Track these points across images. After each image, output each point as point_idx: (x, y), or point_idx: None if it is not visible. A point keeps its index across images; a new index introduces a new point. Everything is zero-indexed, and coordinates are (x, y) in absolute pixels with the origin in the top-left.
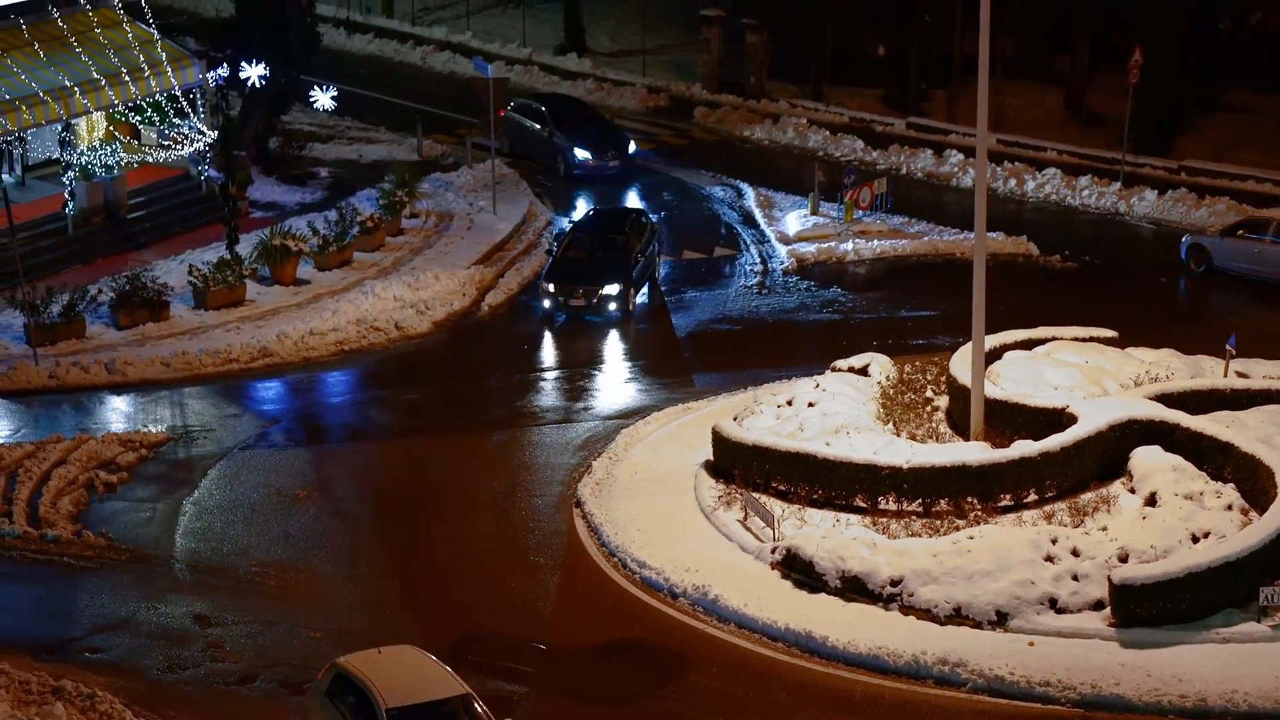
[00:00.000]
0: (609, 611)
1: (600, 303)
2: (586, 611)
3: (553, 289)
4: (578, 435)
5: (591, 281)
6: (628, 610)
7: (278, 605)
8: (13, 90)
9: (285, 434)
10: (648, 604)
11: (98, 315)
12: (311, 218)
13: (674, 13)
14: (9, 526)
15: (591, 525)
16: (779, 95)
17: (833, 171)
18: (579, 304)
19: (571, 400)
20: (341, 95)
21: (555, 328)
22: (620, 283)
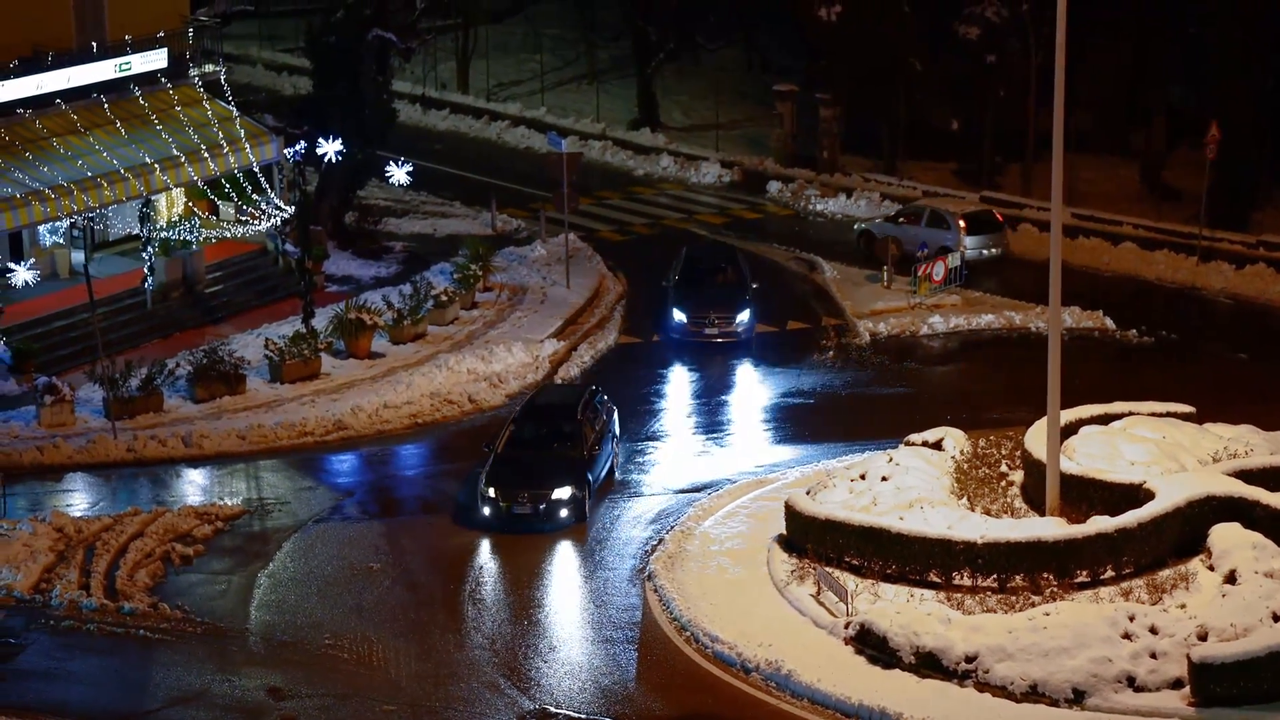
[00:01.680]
0: (681, 685)
1: (550, 509)
2: (658, 685)
3: (493, 493)
4: (649, 508)
5: (537, 484)
6: (700, 684)
7: (351, 679)
8: (94, 167)
9: (359, 507)
10: (720, 678)
11: (175, 389)
12: (386, 291)
13: (746, 87)
14: (87, 599)
15: (663, 598)
16: (852, 169)
17: (906, 246)
18: (524, 512)
19: (643, 472)
20: (417, 170)
21: None
22: (572, 485)
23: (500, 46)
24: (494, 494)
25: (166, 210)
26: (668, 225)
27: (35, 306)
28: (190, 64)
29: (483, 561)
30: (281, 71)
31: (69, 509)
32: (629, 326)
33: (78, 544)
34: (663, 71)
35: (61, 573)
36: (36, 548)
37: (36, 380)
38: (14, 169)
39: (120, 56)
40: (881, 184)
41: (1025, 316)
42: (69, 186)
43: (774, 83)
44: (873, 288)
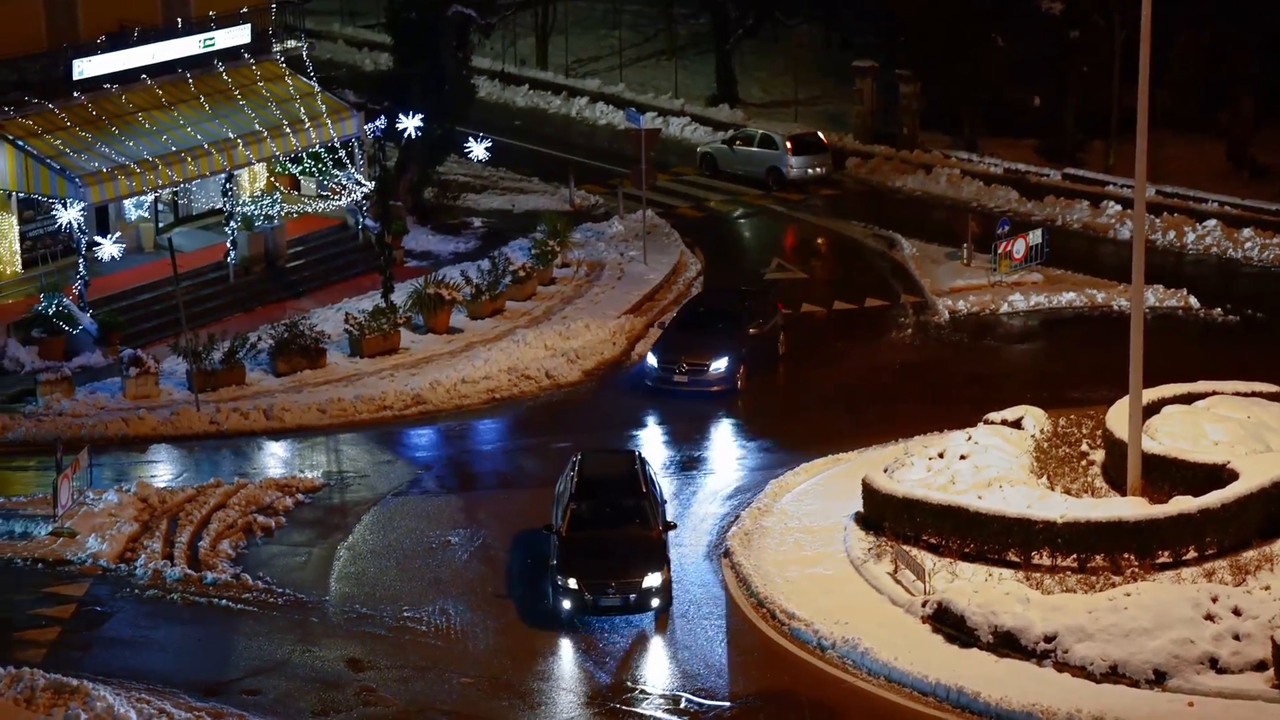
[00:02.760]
0: (758, 662)
1: (641, 598)
2: (735, 662)
3: (574, 585)
4: (726, 485)
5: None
6: (777, 661)
7: (429, 651)
8: (179, 142)
9: (437, 481)
10: (796, 655)
11: (257, 362)
12: (465, 267)
13: (826, 64)
14: (171, 569)
15: (740, 575)
16: (932, 146)
17: (986, 222)
18: (613, 604)
19: (719, 448)
20: (496, 146)
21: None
22: (661, 569)
23: (580, 22)
24: (576, 585)
25: (249, 185)
26: (745, 201)
27: (121, 280)
28: (273, 39)
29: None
30: (362, 47)
31: (153, 480)
32: None
33: (161, 514)
34: (742, 47)
35: (146, 542)
36: (121, 518)
37: (122, 353)
38: (101, 144)
39: (205, 32)
40: (961, 161)
41: (1107, 294)
42: (154, 161)
43: (853, 59)
44: (952, 265)
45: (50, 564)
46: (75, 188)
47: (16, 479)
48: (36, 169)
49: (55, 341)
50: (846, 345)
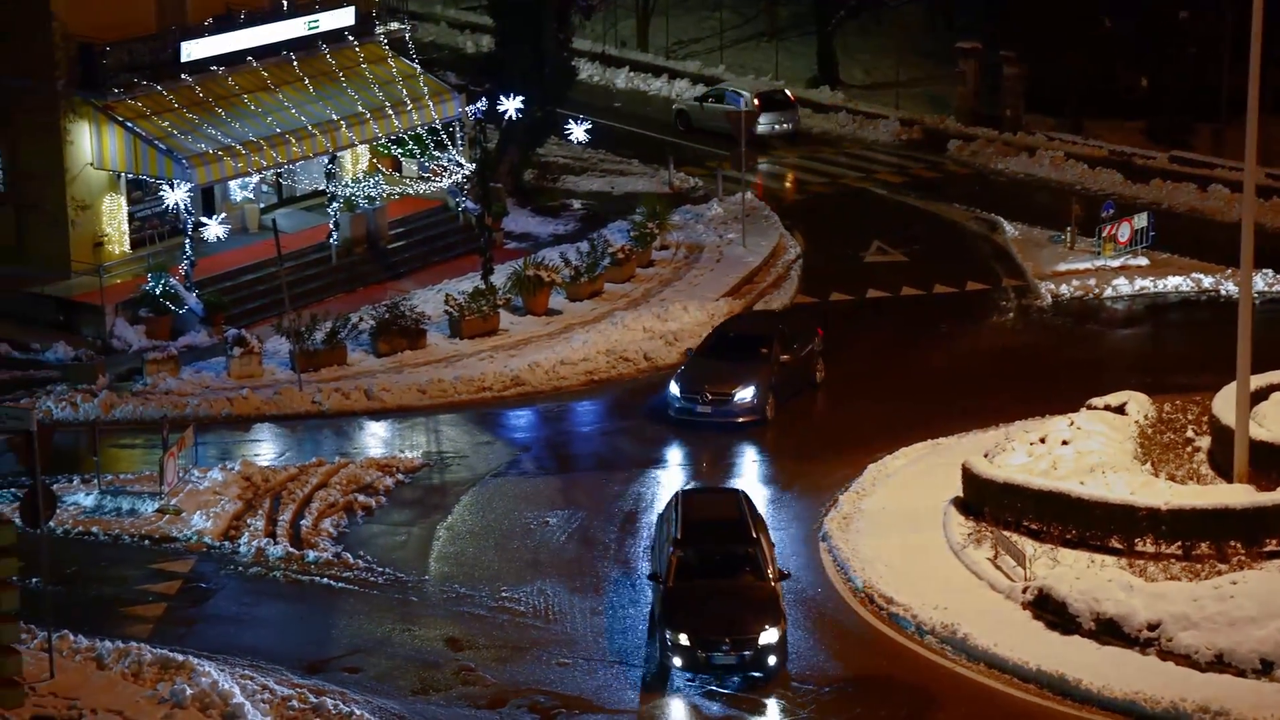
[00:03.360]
0: (856, 647)
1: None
2: (833, 647)
3: (686, 641)
4: (823, 469)
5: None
6: (875, 646)
7: (527, 631)
8: (283, 124)
9: (536, 462)
10: (895, 640)
11: (358, 343)
12: (564, 249)
13: (928, 45)
14: (273, 547)
15: (838, 560)
16: (1035, 128)
17: (1090, 206)
18: (728, 662)
19: (817, 432)
20: (595, 128)
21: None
22: (777, 625)
23: (680, 3)
24: (687, 641)
25: (351, 166)
26: (846, 184)
27: (225, 260)
28: (376, 21)
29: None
30: (464, 29)
31: (257, 458)
32: (806, 285)
33: (265, 493)
34: (844, 29)
35: (249, 520)
36: (226, 496)
37: (226, 332)
38: (207, 125)
39: (310, 15)
40: (1066, 143)
41: (1215, 279)
42: (259, 143)
43: (957, 40)
44: (1055, 249)
45: (157, 541)
46: (182, 169)
47: (124, 456)
48: (145, 150)
49: (162, 321)
50: (947, 329)
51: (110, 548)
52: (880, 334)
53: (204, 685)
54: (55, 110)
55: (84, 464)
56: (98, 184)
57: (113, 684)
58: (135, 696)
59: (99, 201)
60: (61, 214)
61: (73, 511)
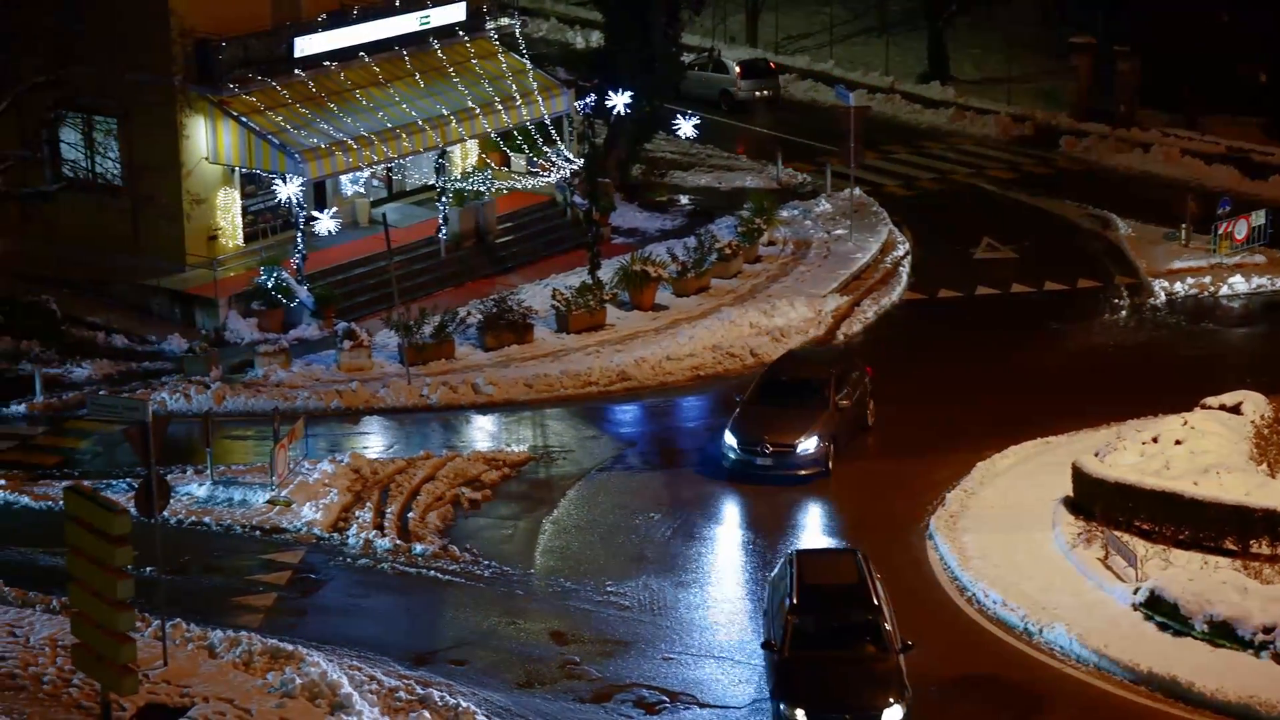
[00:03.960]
0: (962, 646)
1: None
2: (939, 645)
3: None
4: (931, 466)
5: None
6: (982, 646)
7: (632, 626)
8: (394, 119)
9: (641, 457)
10: (1003, 640)
11: (466, 336)
12: (671, 244)
13: (1041, 40)
14: (381, 539)
15: (944, 558)
16: (1149, 124)
17: (1206, 203)
18: None
19: (926, 430)
20: (703, 123)
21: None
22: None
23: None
24: (802, 716)
25: (461, 161)
26: (956, 180)
27: (336, 254)
28: (487, 17)
29: (762, 514)
30: (574, 25)
31: (365, 451)
32: (915, 282)
33: (373, 485)
34: (955, 23)
35: (357, 512)
36: (335, 488)
37: (337, 325)
38: (320, 120)
39: (421, 10)
40: (1181, 138)
41: None
42: (370, 137)
43: (1070, 35)
44: (1170, 246)
45: (267, 531)
46: (295, 163)
47: (236, 448)
48: (258, 145)
49: (274, 314)
50: (1058, 327)
51: (222, 538)
52: (989, 331)
53: (313, 675)
54: (172, 105)
55: (197, 455)
56: (212, 178)
57: (224, 673)
58: (246, 685)
59: (213, 195)
60: (177, 207)
61: (186, 502)
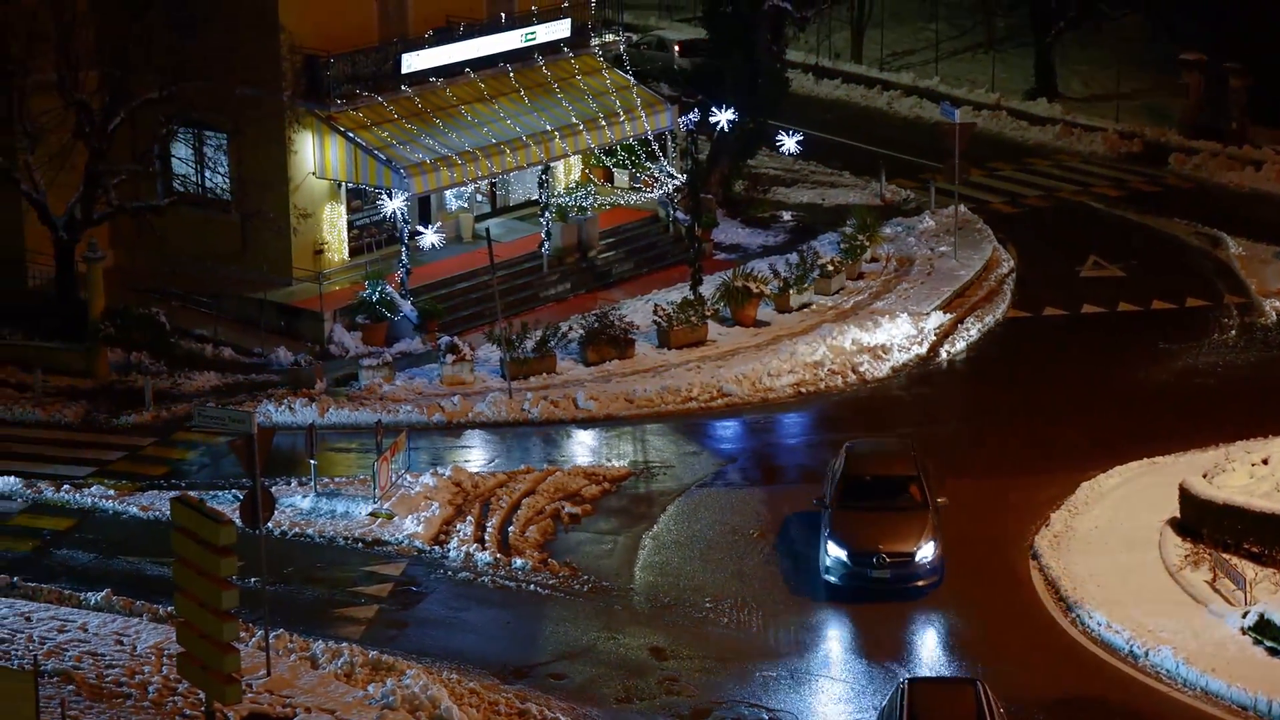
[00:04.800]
0: (1066, 668)
1: None
2: (1042, 666)
3: None
4: (1035, 485)
5: None
6: (1086, 668)
7: (731, 643)
8: (498, 134)
9: (741, 473)
10: (1107, 662)
11: (567, 351)
12: (773, 260)
13: (1149, 56)
14: (481, 552)
15: (1048, 579)
16: (1262, 141)
17: None
18: None
19: (1030, 449)
20: (806, 139)
21: None
22: None
23: (896, 15)
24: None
25: (564, 176)
26: (1062, 197)
27: (440, 268)
28: (592, 34)
29: None
30: None
31: (466, 464)
32: (1019, 300)
33: (474, 499)
34: (1062, 40)
35: (458, 526)
36: (436, 501)
37: (440, 339)
38: (425, 136)
39: (526, 27)
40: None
41: None
42: (474, 153)
43: (1180, 51)
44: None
45: (369, 544)
46: (400, 178)
47: (339, 460)
48: (365, 160)
49: (378, 328)
50: (1166, 347)
51: (325, 549)
52: (1095, 350)
53: (414, 688)
54: (280, 121)
55: (301, 467)
56: (319, 193)
57: (325, 683)
58: (347, 696)
59: (320, 210)
60: (284, 222)
61: (290, 513)
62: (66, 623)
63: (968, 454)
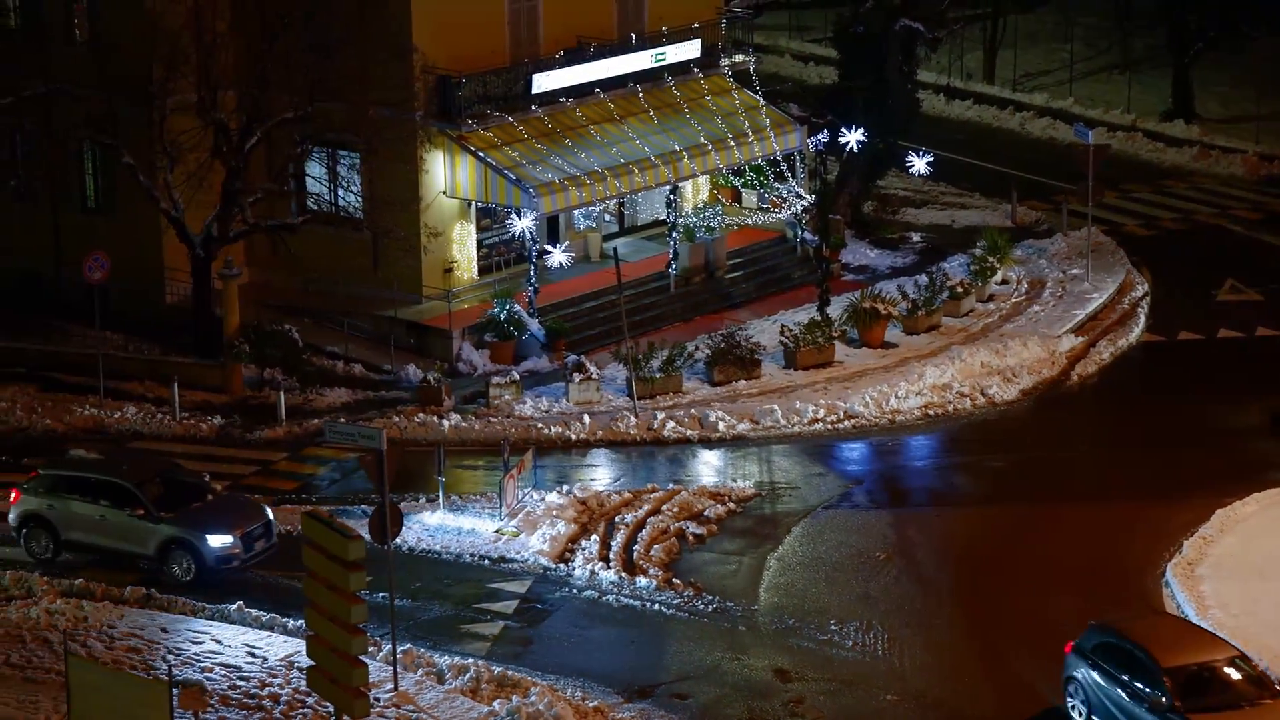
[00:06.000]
0: None
1: None
2: None
3: None
4: (1166, 513)
5: None
6: None
7: (855, 666)
8: (627, 154)
9: (868, 495)
10: None
11: (693, 371)
12: (901, 281)
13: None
14: (606, 571)
15: (1181, 607)
16: None
17: None
18: None
19: (1163, 475)
20: (937, 160)
21: None
22: None
23: (1030, 35)
24: None
25: (692, 196)
26: (1199, 220)
27: (568, 288)
28: (721, 54)
29: (990, 555)
30: (808, 61)
31: (592, 483)
32: (1154, 324)
33: (599, 517)
34: (1200, 61)
35: (583, 544)
36: (562, 519)
37: (567, 358)
38: (554, 155)
39: (656, 47)
40: None
41: None
42: (603, 173)
43: None
44: None
45: (495, 560)
46: (529, 198)
47: (467, 477)
48: (494, 180)
49: (505, 346)
50: None
51: (451, 565)
52: (1231, 375)
53: (538, 705)
54: (412, 140)
55: (429, 483)
56: (449, 212)
57: (450, 699)
58: (471, 712)
59: (449, 229)
60: (415, 240)
61: (417, 529)
62: (200, 634)
63: (1099, 479)
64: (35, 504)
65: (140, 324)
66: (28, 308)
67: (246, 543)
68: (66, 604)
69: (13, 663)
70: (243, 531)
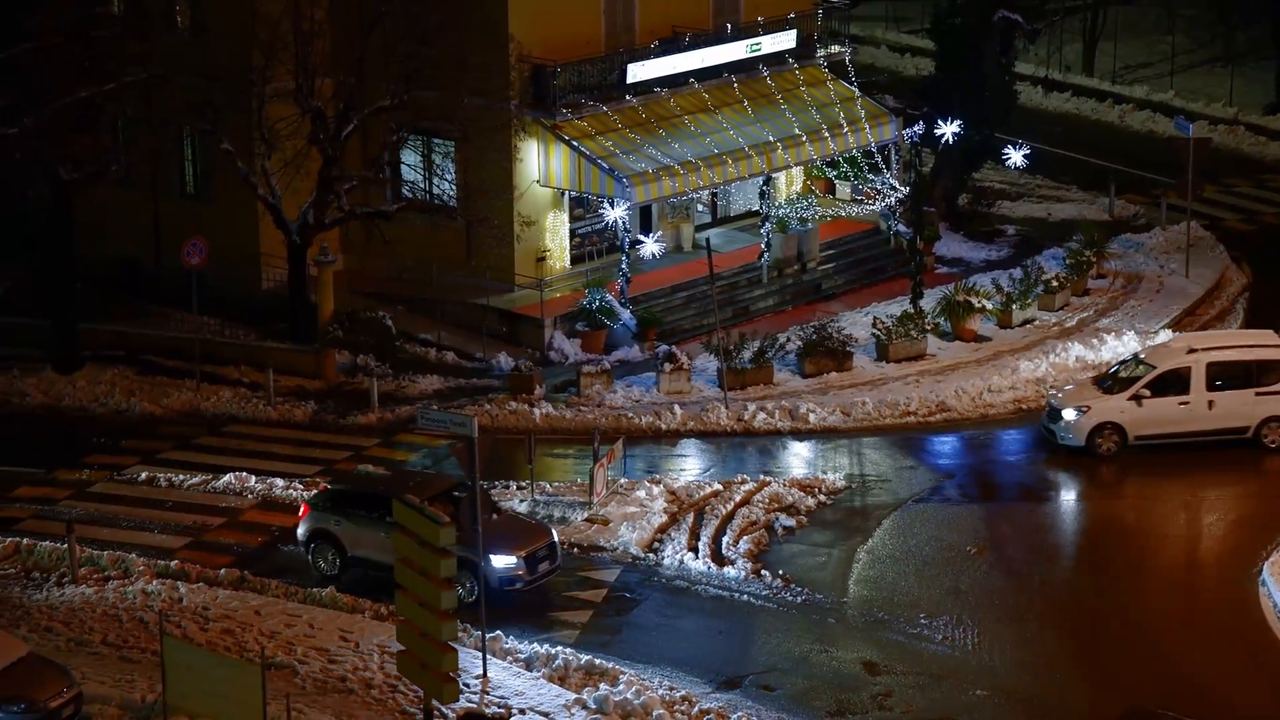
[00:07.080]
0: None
1: None
2: (1267, 690)
3: None
4: (1266, 508)
5: None
6: None
7: (944, 660)
8: (720, 145)
9: (959, 489)
10: None
11: (785, 363)
12: (996, 275)
13: None
14: (695, 561)
15: (1276, 604)
16: None
17: None
18: None
19: (1261, 473)
20: (1034, 153)
21: None
22: None
23: (1130, 27)
24: None
25: (785, 187)
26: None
27: (659, 278)
28: (817, 45)
29: (1082, 552)
30: (904, 53)
31: (682, 473)
32: (1253, 320)
33: (688, 508)
34: None
35: (672, 534)
36: (651, 509)
37: (658, 348)
38: (648, 145)
39: (751, 38)
40: None
41: None
42: (696, 163)
43: None
44: None
45: (585, 549)
46: (622, 187)
47: (557, 465)
48: (588, 169)
49: (596, 335)
50: None
51: None
52: None
53: (626, 694)
54: (507, 129)
55: (520, 471)
56: (542, 201)
57: (539, 686)
58: (559, 699)
59: (543, 218)
60: (508, 229)
61: None
62: (294, 617)
63: (1194, 474)
64: (322, 520)
65: (236, 309)
66: (127, 293)
67: (530, 564)
68: (162, 585)
69: (109, 641)
70: (526, 552)
